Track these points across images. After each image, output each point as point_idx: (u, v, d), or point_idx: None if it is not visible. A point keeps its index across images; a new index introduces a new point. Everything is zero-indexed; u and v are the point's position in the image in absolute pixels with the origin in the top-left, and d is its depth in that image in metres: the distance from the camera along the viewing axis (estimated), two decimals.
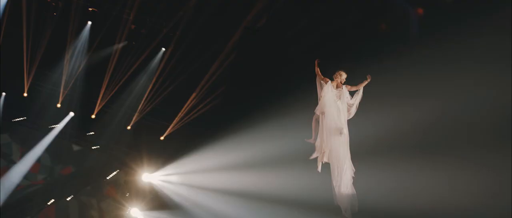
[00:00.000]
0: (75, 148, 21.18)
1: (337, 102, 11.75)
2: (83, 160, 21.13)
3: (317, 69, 11.84)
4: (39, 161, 20.77)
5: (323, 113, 11.79)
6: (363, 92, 11.88)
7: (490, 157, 12.96)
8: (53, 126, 20.65)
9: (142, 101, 20.08)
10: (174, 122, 19.83)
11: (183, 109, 19.56)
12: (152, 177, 20.06)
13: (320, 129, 11.90)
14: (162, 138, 20.25)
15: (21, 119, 20.82)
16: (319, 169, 12.06)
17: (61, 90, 20.40)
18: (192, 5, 18.30)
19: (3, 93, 20.95)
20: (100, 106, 20.35)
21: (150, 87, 19.80)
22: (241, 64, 18.00)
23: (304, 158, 14.75)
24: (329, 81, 11.84)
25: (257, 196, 17.39)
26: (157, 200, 20.05)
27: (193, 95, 19.29)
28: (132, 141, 20.81)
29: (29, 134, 21.00)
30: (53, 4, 19.36)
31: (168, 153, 19.87)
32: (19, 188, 20.49)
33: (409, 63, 13.71)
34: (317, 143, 12.04)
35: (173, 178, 19.63)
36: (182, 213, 19.25)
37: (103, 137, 20.89)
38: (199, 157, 18.47)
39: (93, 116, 20.52)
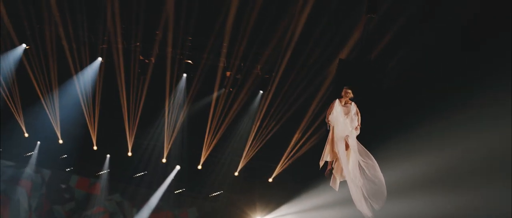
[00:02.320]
0: (187, 200, 22.64)
1: (345, 118, 12.30)
2: (195, 211, 22.56)
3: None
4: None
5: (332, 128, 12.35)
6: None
7: None
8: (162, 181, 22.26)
9: (247, 146, 21.04)
10: (281, 162, 20.69)
11: (288, 148, 20.37)
12: None
13: (331, 145, 12.51)
14: (270, 179, 21.26)
15: (141, 173, 22.56)
16: (337, 188, 12.83)
17: (165, 145, 21.65)
18: (283, 44, 18.94)
19: (108, 155, 22.75)
20: (206, 156, 21.52)
21: (252, 131, 20.75)
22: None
23: (422, 185, 16.48)
24: (337, 100, 12.42)
25: None
26: None
27: (297, 133, 20.08)
28: (241, 186, 21.93)
29: (139, 192, 22.64)
30: (146, 61, 20.56)
31: (278, 194, 20.88)
32: None
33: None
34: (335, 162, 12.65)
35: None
36: None
37: (212, 185, 22.22)
38: (310, 194, 19.23)
39: (199, 167, 21.79)
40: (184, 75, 21.10)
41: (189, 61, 20.59)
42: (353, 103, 12.49)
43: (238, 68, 20.42)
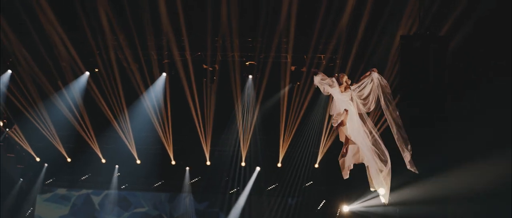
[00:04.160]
0: (272, 199, 23.60)
1: (350, 104, 12.27)
2: (281, 209, 23.49)
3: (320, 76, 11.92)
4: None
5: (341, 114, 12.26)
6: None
7: None
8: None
9: (322, 137, 21.76)
10: None
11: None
12: (352, 207, 21.68)
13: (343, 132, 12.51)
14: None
15: (223, 180, 23.65)
16: (347, 176, 13.09)
17: (241, 148, 22.59)
18: (340, 28, 19.62)
19: (187, 168, 23.81)
20: (284, 153, 22.32)
21: (326, 120, 21.32)
22: (407, 74, 19.47)
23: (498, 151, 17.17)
24: (336, 85, 11.98)
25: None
26: None
27: (370, 116, 20.72)
28: (324, 177, 22.73)
29: (223, 198, 23.77)
30: (210, 68, 21.53)
31: (362, 179, 21.45)
32: None
33: None
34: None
35: (374, 201, 21.49)
36: None
37: (295, 181, 23.08)
38: (394, 174, 20.08)
39: (279, 165, 22.62)
40: (250, 76, 21.96)
41: (253, 62, 21.44)
42: (351, 87, 12.31)
43: (301, 61, 21.24)
